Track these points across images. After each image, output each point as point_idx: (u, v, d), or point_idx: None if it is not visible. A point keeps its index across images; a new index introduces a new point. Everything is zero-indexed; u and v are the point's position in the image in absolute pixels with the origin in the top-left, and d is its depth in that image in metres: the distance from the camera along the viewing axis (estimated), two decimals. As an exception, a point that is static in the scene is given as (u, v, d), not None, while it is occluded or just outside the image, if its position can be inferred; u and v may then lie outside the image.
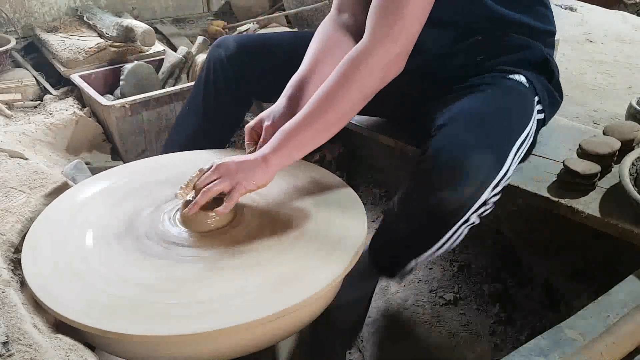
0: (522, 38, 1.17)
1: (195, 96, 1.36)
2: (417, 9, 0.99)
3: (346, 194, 1.13)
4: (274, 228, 1.03)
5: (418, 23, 1.01)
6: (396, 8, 0.98)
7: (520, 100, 1.11)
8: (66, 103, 1.90)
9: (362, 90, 1.01)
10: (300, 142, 1.01)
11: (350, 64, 1.01)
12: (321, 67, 1.15)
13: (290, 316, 0.88)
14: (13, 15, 2.19)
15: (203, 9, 2.69)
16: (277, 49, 1.33)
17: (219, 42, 1.35)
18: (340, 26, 1.20)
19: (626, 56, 2.14)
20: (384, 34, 0.99)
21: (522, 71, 1.14)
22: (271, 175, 1.01)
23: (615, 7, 2.89)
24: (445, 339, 1.34)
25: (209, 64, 1.33)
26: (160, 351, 0.87)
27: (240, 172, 0.99)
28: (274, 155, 1.00)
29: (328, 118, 1.01)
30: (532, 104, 1.12)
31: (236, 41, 1.33)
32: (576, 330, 0.87)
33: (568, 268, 1.39)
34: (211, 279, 0.92)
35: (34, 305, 0.93)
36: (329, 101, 1.00)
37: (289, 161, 1.02)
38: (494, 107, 1.06)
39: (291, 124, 1.01)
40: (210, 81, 1.32)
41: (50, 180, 1.24)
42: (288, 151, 1.01)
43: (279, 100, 1.14)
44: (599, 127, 1.50)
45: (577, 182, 1.14)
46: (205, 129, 1.35)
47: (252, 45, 1.33)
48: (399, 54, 1.01)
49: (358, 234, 1.02)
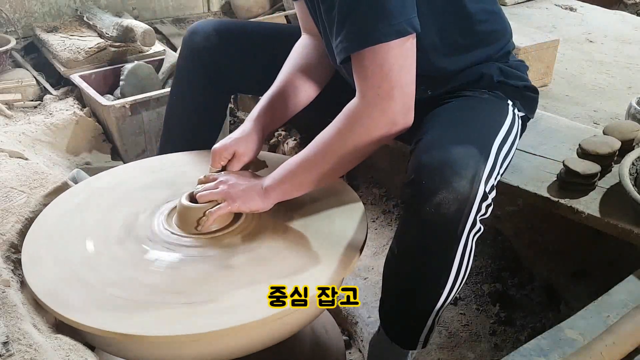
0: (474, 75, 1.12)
1: (177, 91, 1.33)
2: (399, 59, 0.91)
3: (346, 194, 1.14)
4: (275, 227, 1.04)
5: (407, 72, 0.93)
6: (377, 67, 0.91)
7: (486, 101, 1.09)
8: (66, 103, 1.90)
9: (358, 149, 0.97)
10: (300, 184, 1.01)
11: (346, 122, 0.97)
12: (291, 89, 1.15)
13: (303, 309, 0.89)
14: (13, 15, 2.18)
15: (203, 9, 2.69)
16: (255, 37, 1.30)
17: (194, 29, 1.29)
18: (310, 46, 1.20)
19: (626, 56, 2.13)
20: (375, 95, 0.93)
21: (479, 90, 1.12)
22: (268, 206, 1.01)
23: (615, 7, 2.88)
24: (445, 339, 1.34)
25: (186, 52, 1.28)
26: (184, 351, 0.88)
27: (240, 199, 0.99)
28: (275, 189, 1.00)
29: (324, 170, 0.99)
30: (501, 104, 1.09)
31: (213, 27, 1.28)
32: (576, 330, 0.87)
33: (568, 268, 1.39)
34: (223, 277, 0.92)
35: (34, 305, 0.94)
36: (323, 155, 0.98)
37: (287, 197, 1.02)
38: (463, 111, 1.05)
39: (293, 163, 1.01)
40: (189, 71, 1.29)
41: (50, 180, 1.24)
42: (289, 189, 1.01)
43: (246, 123, 1.13)
44: (599, 127, 1.50)
45: (577, 182, 1.14)
46: (194, 123, 1.33)
47: (229, 31, 1.28)
48: (400, 111, 0.94)
49: (359, 230, 1.02)
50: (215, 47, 1.26)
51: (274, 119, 1.16)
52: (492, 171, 0.93)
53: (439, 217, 0.88)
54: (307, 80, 1.18)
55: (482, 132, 1.00)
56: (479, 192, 0.89)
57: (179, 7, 2.61)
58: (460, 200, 0.87)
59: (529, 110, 1.18)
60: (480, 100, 1.10)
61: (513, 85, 1.14)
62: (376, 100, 0.93)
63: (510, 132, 1.05)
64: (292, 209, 1.07)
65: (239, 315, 0.85)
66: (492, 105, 1.09)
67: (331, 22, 0.96)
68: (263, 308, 0.85)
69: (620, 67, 2.04)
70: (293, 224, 1.04)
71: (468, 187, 0.87)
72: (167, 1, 2.57)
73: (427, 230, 0.91)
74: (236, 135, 1.10)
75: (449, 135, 0.95)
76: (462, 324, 1.38)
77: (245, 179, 1.04)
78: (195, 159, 1.25)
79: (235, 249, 0.98)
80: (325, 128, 0.99)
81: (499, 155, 0.97)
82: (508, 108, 1.09)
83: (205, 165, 1.13)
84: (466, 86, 1.12)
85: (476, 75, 1.12)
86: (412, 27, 0.91)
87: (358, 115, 0.95)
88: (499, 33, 1.15)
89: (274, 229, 1.03)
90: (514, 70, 1.16)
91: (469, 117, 1.04)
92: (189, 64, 1.29)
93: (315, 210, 1.08)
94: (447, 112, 1.05)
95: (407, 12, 0.90)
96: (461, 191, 0.87)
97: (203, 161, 1.19)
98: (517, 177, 1.19)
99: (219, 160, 1.09)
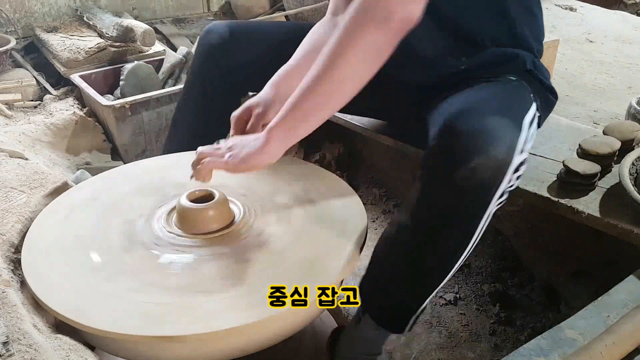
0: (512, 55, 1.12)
1: (190, 88, 1.33)
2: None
3: (345, 193, 1.14)
4: (278, 222, 1.05)
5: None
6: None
7: (516, 88, 1.08)
8: (66, 103, 1.90)
9: (373, 44, 0.88)
10: (304, 115, 0.92)
11: (355, 16, 0.88)
12: (309, 63, 1.07)
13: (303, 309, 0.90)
14: (13, 15, 2.19)
15: (203, 9, 2.69)
16: (270, 37, 1.29)
17: (210, 28, 1.29)
18: (332, 25, 1.18)
19: (626, 56, 2.13)
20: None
21: (511, 74, 1.11)
22: (271, 154, 0.93)
23: (615, 7, 2.89)
24: (445, 339, 1.34)
25: (200, 50, 1.29)
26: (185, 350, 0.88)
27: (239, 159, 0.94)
28: (276, 130, 0.92)
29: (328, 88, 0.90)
30: (528, 94, 1.08)
31: (228, 27, 1.28)
32: (576, 330, 0.87)
33: (568, 268, 1.39)
34: (243, 271, 0.93)
35: (34, 305, 0.93)
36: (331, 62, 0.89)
37: (292, 138, 0.94)
38: (494, 92, 1.04)
39: (293, 95, 0.93)
40: (203, 70, 1.28)
41: (50, 180, 1.24)
42: (292, 124, 0.92)
43: (265, 88, 1.10)
44: (599, 127, 1.50)
45: (577, 182, 1.14)
46: (204, 122, 1.32)
47: (244, 31, 1.29)
48: None
49: (359, 230, 1.03)
50: (229, 46, 1.26)
51: (292, 87, 1.08)
52: (525, 143, 0.91)
53: (475, 182, 0.85)
54: None
55: (514, 106, 0.97)
56: (514, 161, 0.87)
57: (179, 7, 2.61)
58: (496, 167, 0.85)
59: (544, 114, 1.18)
60: (509, 83, 1.08)
61: (539, 81, 1.14)
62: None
63: (534, 119, 1.01)
64: (292, 208, 1.08)
65: (239, 315, 0.85)
66: (520, 90, 1.08)
67: None
68: (263, 308, 0.85)
69: (620, 67, 2.05)
70: (293, 224, 1.05)
71: (505, 155, 0.85)
72: (167, 1, 2.57)
73: (459, 196, 0.87)
74: (255, 99, 1.09)
75: (482, 105, 0.93)
76: (462, 324, 1.38)
77: (248, 137, 0.97)
78: (174, 162, 1.25)
79: (233, 249, 0.98)
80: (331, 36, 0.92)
81: (529, 132, 0.94)
82: (532, 98, 1.07)
83: None
84: (496, 65, 1.11)
85: (513, 55, 1.11)
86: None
87: (357, 14, 0.88)
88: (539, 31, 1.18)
89: (274, 229, 1.03)
90: (542, 69, 1.17)
91: (500, 93, 1.03)
92: (204, 63, 1.29)
93: (315, 210, 1.08)
94: (474, 90, 1.03)
95: None
96: (499, 158, 0.85)
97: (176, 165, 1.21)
98: (517, 177, 1.19)
99: (238, 125, 1.07)
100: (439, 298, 1.44)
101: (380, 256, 1.03)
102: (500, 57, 1.11)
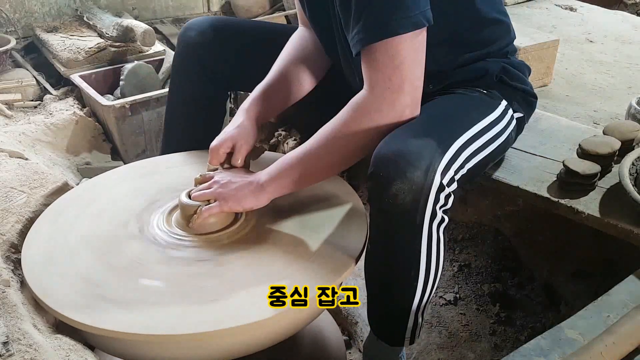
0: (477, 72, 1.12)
1: (173, 89, 1.33)
2: (411, 52, 0.92)
3: (345, 193, 1.14)
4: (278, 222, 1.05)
5: (418, 66, 0.94)
6: (389, 59, 0.91)
7: (471, 99, 1.08)
8: (66, 103, 1.90)
9: (363, 141, 0.96)
10: (299, 178, 1.00)
11: (354, 114, 0.96)
12: (285, 83, 1.15)
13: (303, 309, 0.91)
14: (13, 15, 2.19)
15: (203, 9, 2.69)
16: (253, 35, 1.30)
17: (189, 25, 1.28)
18: (307, 38, 1.20)
19: (626, 56, 2.13)
20: (385, 88, 0.93)
21: (475, 89, 1.11)
22: (263, 203, 1.00)
23: (615, 7, 2.88)
24: (445, 339, 1.34)
25: (179, 48, 1.28)
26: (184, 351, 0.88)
27: (232, 198, 0.99)
28: (270, 184, 0.99)
29: (325, 163, 0.99)
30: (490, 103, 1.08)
31: (210, 23, 1.27)
32: (576, 330, 0.87)
33: (568, 268, 1.39)
34: (221, 276, 0.93)
35: (34, 305, 0.93)
36: (326, 147, 0.97)
37: (284, 192, 1.01)
38: (437, 108, 1.04)
39: (291, 157, 1.00)
40: (184, 67, 1.28)
41: (50, 180, 1.24)
42: (286, 183, 1.00)
43: (238, 116, 1.12)
44: (599, 127, 1.50)
45: (577, 182, 1.14)
46: (192, 120, 1.32)
47: (226, 28, 1.28)
48: (409, 104, 0.94)
49: (359, 230, 1.03)
50: (211, 43, 1.25)
51: (268, 109, 1.15)
52: (450, 164, 0.92)
53: (396, 207, 0.89)
54: (303, 71, 1.18)
55: (447, 126, 0.99)
56: (435, 183, 0.89)
57: (179, 7, 2.61)
58: (415, 190, 0.88)
59: (526, 113, 1.18)
60: (465, 98, 1.09)
61: (512, 87, 1.14)
62: (386, 93, 0.93)
63: (490, 130, 1.04)
64: (292, 209, 1.08)
65: (239, 315, 0.85)
66: (476, 103, 1.08)
67: (347, 14, 0.95)
68: (263, 308, 0.85)
69: (620, 67, 2.04)
70: (293, 224, 1.05)
71: (422, 178, 0.88)
72: (167, 1, 2.57)
73: (388, 221, 0.92)
74: (230, 128, 1.10)
75: (410, 129, 0.94)
76: (462, 324, 1.38)
77: (240, 177, 1.03)
78: (188, 160, 1.25)
79: (233, 249, 0.99)
80: (330, 121, 0.98)
81: (464, 150, 0.97)
82: (498, 107, 1.08)
83: None
84: (465, 83, 1.12)
85: (479, 71, 1.12)
86: (427, 20, 0.92)
87: (366, 108, 0.95)
88: (504, 32, 1.16)
89: (274, 229, 1.03)
90: (516, 71, 1.16)
91: (440, 113, 1.04)
92: (184, 60, 1.28)
93: (315, 210, 1.08)
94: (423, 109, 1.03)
95: (422, 4, 0.91)
96: (416, 181, 0.87)
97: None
98: (517, 177, 1.20)
99: (216, 157, 1.08)
100: (439, 298, 1.44)
101: (364, 272, 1.06)
102: (467, 75, 1.12)
